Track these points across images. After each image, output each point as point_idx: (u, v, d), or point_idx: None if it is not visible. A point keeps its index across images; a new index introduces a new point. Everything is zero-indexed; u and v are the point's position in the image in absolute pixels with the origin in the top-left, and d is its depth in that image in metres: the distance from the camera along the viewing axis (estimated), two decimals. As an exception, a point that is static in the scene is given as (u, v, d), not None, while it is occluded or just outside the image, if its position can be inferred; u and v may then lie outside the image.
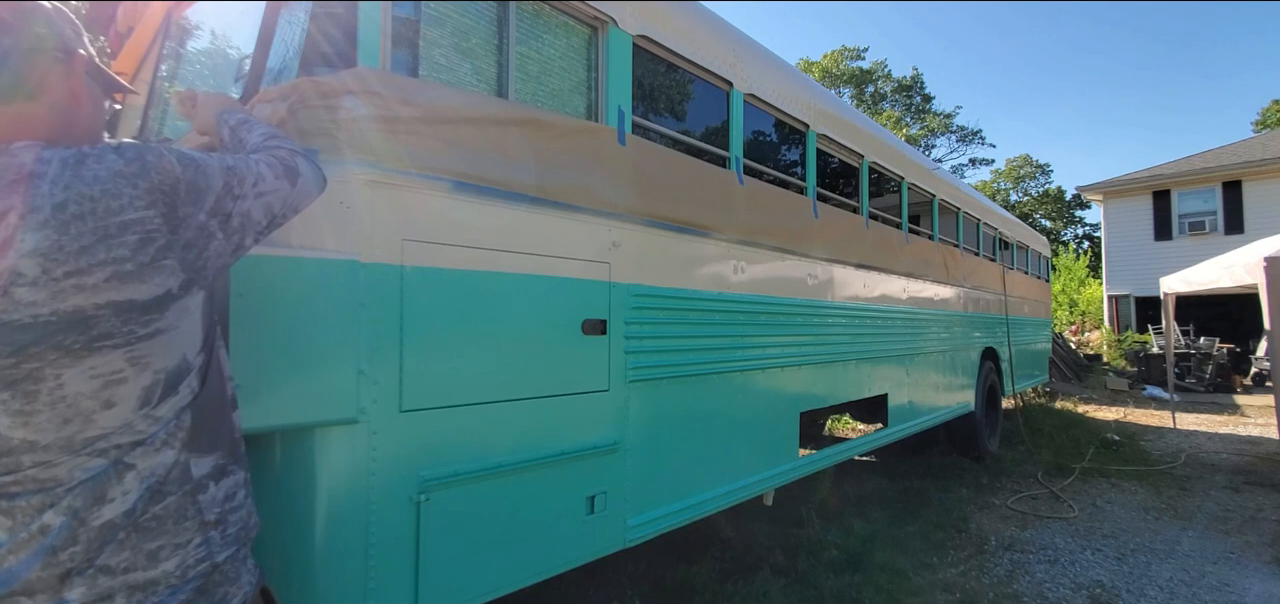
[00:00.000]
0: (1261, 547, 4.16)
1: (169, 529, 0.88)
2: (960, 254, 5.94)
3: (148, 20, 2.54)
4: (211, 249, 0.93)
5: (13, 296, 0.77)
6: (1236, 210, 15.82)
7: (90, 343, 0.80)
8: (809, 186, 3.62)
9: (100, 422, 0.82)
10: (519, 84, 2.14)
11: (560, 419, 2.15)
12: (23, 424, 0.79)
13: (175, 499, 0.89)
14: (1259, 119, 35.65)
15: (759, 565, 3.56)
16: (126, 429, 0.84)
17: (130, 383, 0.84)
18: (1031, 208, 39.84)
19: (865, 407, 4.49)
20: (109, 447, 0.83)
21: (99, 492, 0.83)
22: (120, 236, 0.82)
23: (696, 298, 2.76)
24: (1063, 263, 22.29)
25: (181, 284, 0.89)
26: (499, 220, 1.94)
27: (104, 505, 0.83)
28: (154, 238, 0.85)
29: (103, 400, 0.82)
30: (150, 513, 0.86)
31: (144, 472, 0.86)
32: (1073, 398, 11.11)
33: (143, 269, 0.83)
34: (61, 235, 0.78)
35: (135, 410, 0.84)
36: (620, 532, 2.38)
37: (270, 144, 1.17)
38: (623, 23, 2.46)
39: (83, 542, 0.81)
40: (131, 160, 0.85)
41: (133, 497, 0.85)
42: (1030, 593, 3.47)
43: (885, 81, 37.15)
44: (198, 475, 0.92)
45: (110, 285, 0.81)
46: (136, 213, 0.83)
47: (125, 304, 0.82)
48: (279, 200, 1.06)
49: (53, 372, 0.79)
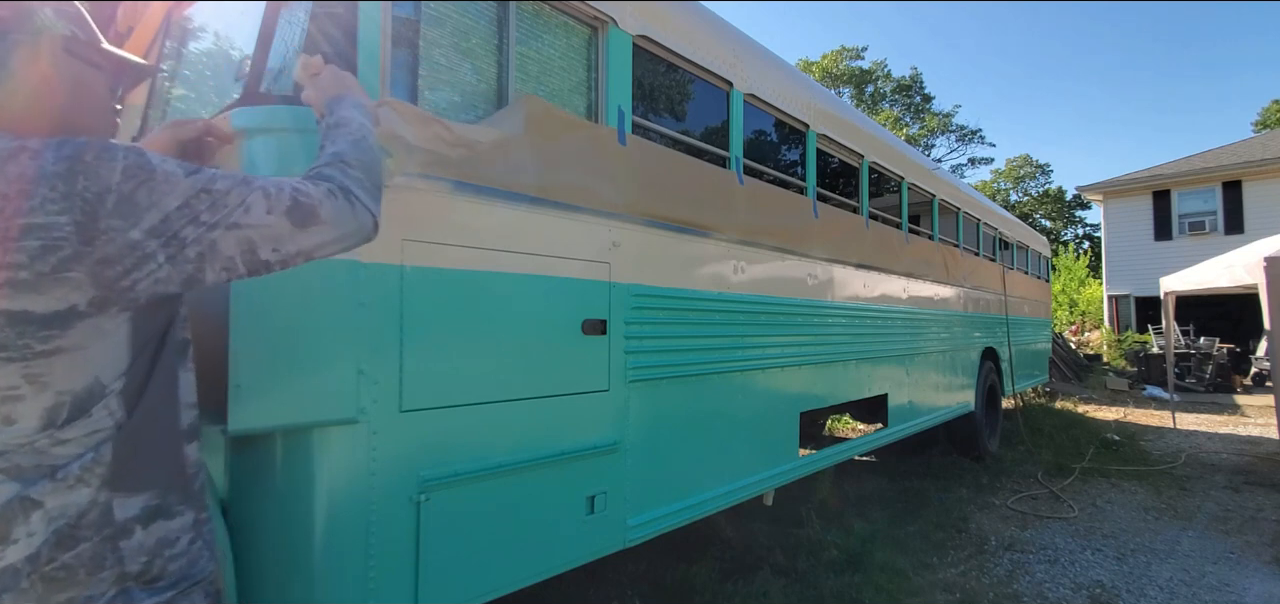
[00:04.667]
0: (1261, 547, 4.16)
1: (80, 580, 0.78)
2: (960, 254, 5.94)
3: (148, 20, 2.54)
4: (145, 272, 0.82)
5: None
6: (1236, 210, 15.83)
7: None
8: (809, 186, 3.62)
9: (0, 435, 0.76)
10: (519, 84, 2.14)
11: (560, 419, 2.15)
12: None
13: (90, 546, 0.79)
14: (1259, 119, 35.68)
15: (759, 565, 3.55)
16: (28, 448, 0.77)
17: (28, 401, 0.77)
18: (1031, 208, 39.84)
19: (865, 407, 4.49)
20: (11, 465, 0.76)
21: (3, 529, 0.75)
22: (21, 240, 0.73)
23: (696, 298, 2.76)
24: (1063, 263, 22.28)
25: (91, 302, 0.79)
26: (499, 220, 1.94)
27: (6, 546, 0.75)
28: (59, 247, 0.75)
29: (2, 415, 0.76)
30: (59, 562, 0.77)
31: (52, 511, 0.77)
32: (1073, 398, 11.11)
33: (41, 279, 0.75)
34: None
35: (37, 430, 0.77)
36: (620, 532, 2.38)
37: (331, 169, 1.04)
38: (623, 23, 2.46)
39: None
40: (62, 159, 0.77)
41: (37, 539, 0.76)
42: (1030, 593, 3.47)
43: (885, 81, 37.17)
44: (121, 518, 0.83)
45: (3, 292, 0.73)
46: (45, 217, 0.75)
47: (19, 314, 0.75)
48: (268, 240, 0.92)
49: None
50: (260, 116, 1.55)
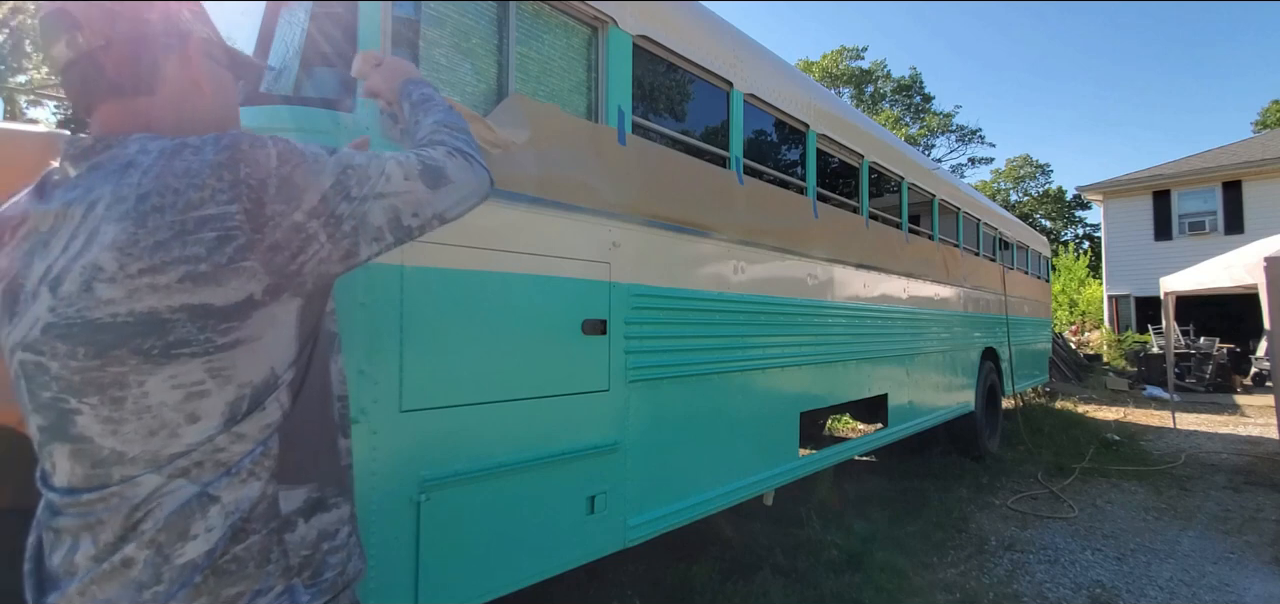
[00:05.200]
0: (1261, 547, 4.16)
1: (249, 574, 0.78)
2: (960, 254, 5.94)
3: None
4: (310, 253, 0.82)
5: (94, 293, 0.72)
6: (1236, 210, 15.83)
7: (168, 349, 0.74)
8: (809, 186, 3.62)
9: (185, 436, 0.76)
10: (519, 84, 2.14)
11: (560, 419, 2.15)
12: (112, 432, 0.74)
13: (258, 539, 0.80)
14: (1259, 119, 35.70)
15: (759, 565, 3.55)
16: (210, 446, 0.77)
17: (213, 396, 0.77)
18: (1031, 208, 39.85)
19: (865, 407, 4.49)
20: (192, 465, 0.76)
21: (183, 526, 0.75)
22: (197, 233, 0.73)
23: (696, 298, 2.76)
24: (1063, 263, 22.30)
25: (266, 290, 0.79)
26: (499, 220, 1.94)
27: (187, 542, 0.75)
28: (233, 236, 0.75)
29: (187, 413, 0.76)
30: (231, 554, 0.77)
31: (228, 506, 0.78)
32: (1073, 398, 11.11)
33: (219, 271, 0.75)
34: (139, 228, 0.72)
35: (221, 428, 0.78)
36: (620, 532, 2.38)
37: (439, 135, 1.07)
38: (623, 23, 2.46)
39: (165, 581, 0.74)
40: (224, 149, 0.77)
41: (216, 534, 0.77)
42: (1030, 593, 3.47)
43: (885, 81, 37.19)
44: (286, 511, 0.83)
45: (184, 287, 0.73)
46: (217, 207, 0.74)
47: (201, 308, 0.75)
48: (409, 205, 0.93)
49: (136, 378, 0.74)
50: (261, 117, 1.55)
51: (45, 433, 0.78)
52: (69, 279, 0.73)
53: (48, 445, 0.78)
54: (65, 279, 0.73)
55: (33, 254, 0.78)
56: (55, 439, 0.77)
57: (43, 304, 0.74)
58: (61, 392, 0.74)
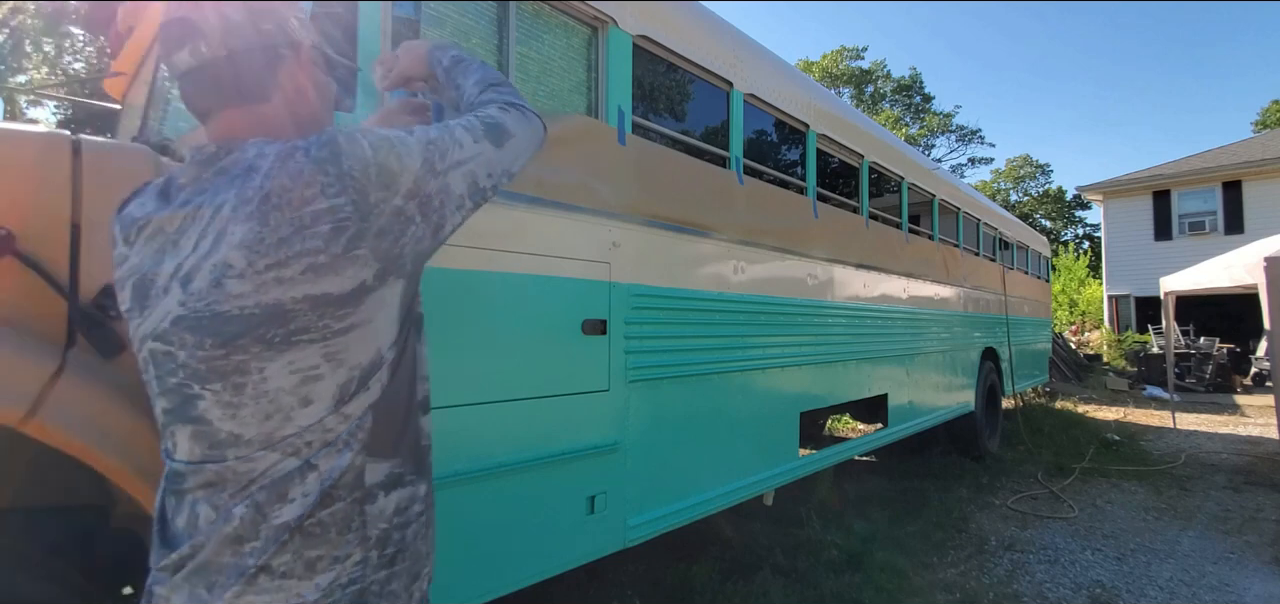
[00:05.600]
0: (1262, 547, 4.16)
1: (331, 539, 0.83)
2: (960, 254, 5.94)
3: (148, 20, 2.54)
4: (409, 234, 0.87)
5: (223, 288, 0.78)
6: (1236, 210, 15.82)
7: (289, 337, 0.80)
8: (809, 186, 3.62)
9: (298, 419, 0.81)
10: (519, 84, 2.14)
11: (560, 419, 2.15)
12: (231, 417, 0.80)
13: (343, 506, 0.84)
14: (1259, 119, 35.69)
15: (759, 565, 3.55)
16: (319, 428, 0.82)
17: (326, 380, 0.82)
18: (1031, 208, 39.85)
19: (865, 407, 4.49)
20: (301, 445, 0.82)
21: (283, 490, 0.81)
22: (313, 227, 0.79)
23: (696, 298, 2.76)
24: (1063, 263, 22.29)
25: (376, 274, 0.84)
26: (499, 220, 1.94)
27: (284, 505, 0.81)
28: (345, 226, 0.80)
29: (301, 397, 0.81)
30: (316, 518, 0.82)
31: (323, 472, 0.83)
32: (1073, 398, 11.11)
33: (336, 261, 0.80)
34: (263, 227, 0.78)
35: (330, 409, 0.83)
36: (620, 532, 2.38)
37: (487, 94, 1.10)
38: (623, 23, 2.46)
39: (262, 538, 0.80)
40: (324, 145, 0.82)
41: (311, 498, 0.82)
42: (1030, 593, 3.47)
43: (885, 81, 37.19)
44: (369, 482, 0.87)
45: (306, 278, 0.79)
46: (328, 201, 0.80)
47: (320, 298, 0.80)
48: (483, 167, 0.97)
49: (257, 365, 0.79)
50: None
51: (169, 415, 0.85)
52: (199, 276, 0.79)
53: (171, 426, 0.85)
54: (195, 276, 0.79)
55: (163, 253, 0.84)
56: (178, 420, 0.83)
57: (173, 299, 0.81)
58: (186, 378, 0.81)
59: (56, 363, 1.26)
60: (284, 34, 0.91)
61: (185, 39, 0.85)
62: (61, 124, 14.35)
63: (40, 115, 18.97)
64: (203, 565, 0.80)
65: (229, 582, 0.79)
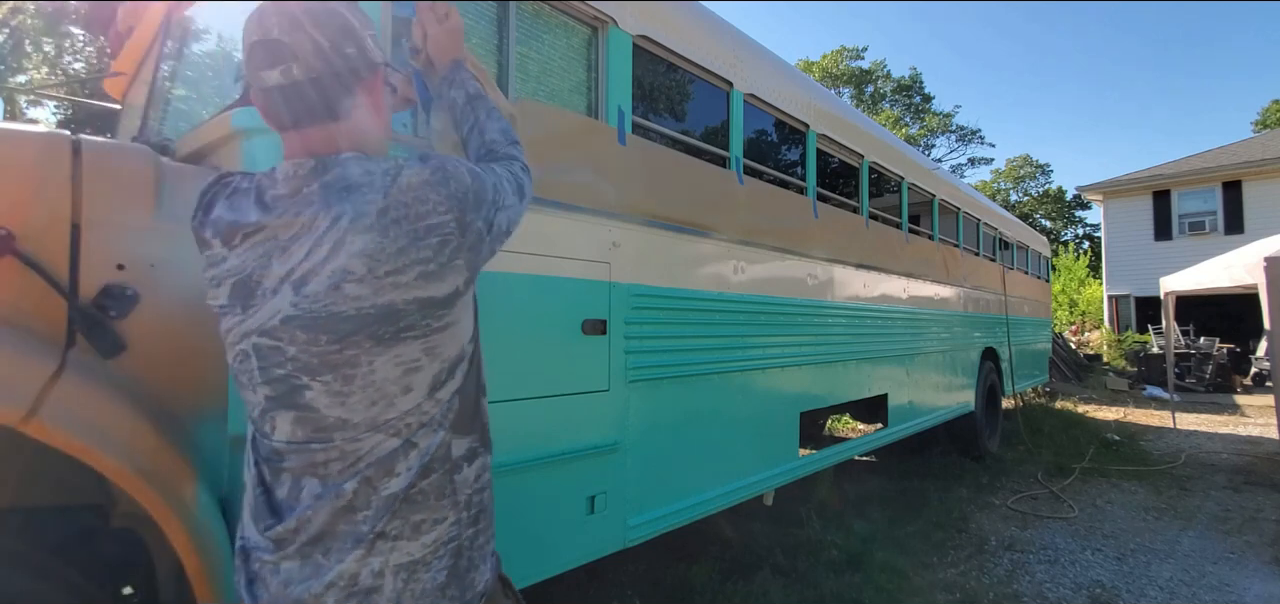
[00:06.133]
0: (1261, 547, 4.16)
1: (430, 504, 0.96)
2: (960, 254, 5.94)
3: (148, 20, 2.54)
4: (483, 252, 1.03)
5: (342, 291, 0.87)
6: (1236, 210, 15.82)
7: (397, 334, 0.91)
8: (809, 186, 3.62)
9: (399, 405, 0.93)
10: (519, 84, 2.14)
11: (560, 419, 2.15)
12: (340, 404, 0.90)
13: (438, 476, 0.97)
14: (1259, 119, 35.69)
15: (759, 565, 3.55)
16: (417, 411, 0.94)
17: (424, 370, 0.94)
18: (1031, 208, 39.85)
19: (865, 407, 4.49)
20: (402, 426, 0.93)
21: (390, 465, 0.93)
22: (425, 239, 0.91)
23: (696, 298, 2.76)
24: (1063, 263, 22.29)
25: (465, 281, 0.98)
26: (499, 220, 1.94)
27: (392, 478, 0.93)
28: (450, 240, 0.93)
29: (402, 385, 0.92)
30: (419, 487, 0.95)
31: (423, 449, 0.95)
32: (1073, 398, 11.11)
33: (442, 269, 0.93)
34: (384, 238, 0.88)
35: (425, 395, 0.95)
36: (620, 532, 2.38)
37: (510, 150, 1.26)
38: (623, 23, 2.46)
39: (373, 507, 0.92)
40: (435, 169, 0.94)
41: (413, 472, 0.94)
42: (1030, 593, 3.47)
43: (885, 81, 37.18)
44: (455, 456, 1.00)
45: (418, 283, 0.90)
46: (438, 217, 0.92)
47: (427, 300, 0.92)
48: (516, 214, 1.15)
49: (367, 358, 0.90)
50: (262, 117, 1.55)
51: (271, 401, 0.93)
52: (314, 280, 0.88)
53: (272, 412, 0.94)
54: (310, 280, 0.88)
55: (269, 257, 0.91)
56: (281, 407, 0.93)
57: (284, 299, 0.89)
58: (295, 371, 0.90)
59: (56, 363, 1.26)
60: (364, 57, 0.99)
61: (278, 60, 0.92)
62: (61, 124, 14.35)
63: (40, 115, 18.96)
64: (317, 535, 0.91)
65: (346, 547, 0.91)
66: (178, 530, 1.32)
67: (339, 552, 0.91)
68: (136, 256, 1.43)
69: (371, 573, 0.91)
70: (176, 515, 1.32)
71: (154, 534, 1.38)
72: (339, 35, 0.95)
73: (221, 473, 1.61)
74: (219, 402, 1.49)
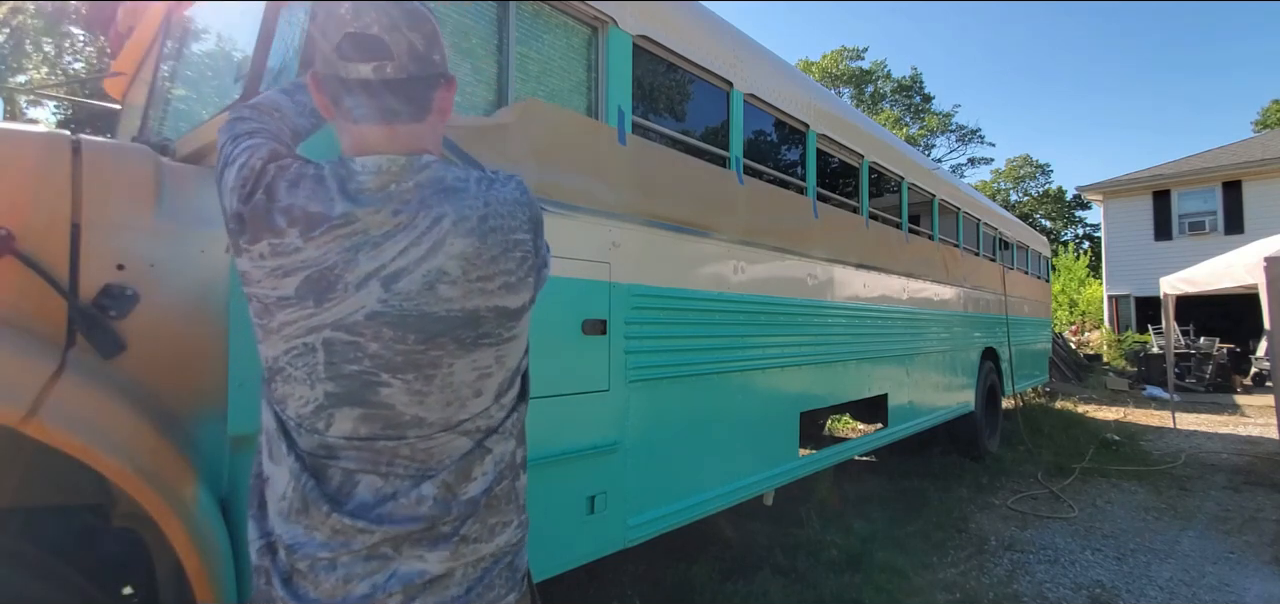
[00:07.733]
0: (1261, 547, 4.16)
1: (501, 508, 1.00)
2: (960, 254, 5.94)
3: (148, 20, 2.54)
4: (544, 275, 1.07)
5: (436, 291, 0.89)
6: (1236, 210, 15.82)
7: (477, 339, 0.93)
8: (809, 186, 3.62)
9: (470, 407, 0.95)
10: (519, 84, 2.14)
11: (560, 419, 2.15)
12: (418, 402, 0.91)
13: (508, 482, 1.02)
14: (1259, 119, 35.67)
15: (759, 565, 3.55)
16: (484, 414, 0.97)
17: (494, 377, 0.97)
18: (1031, 208, 39.84)
19: (865, 407, 4.49)
20: (472, 428, 0.96)
21: (467, 469, 0.96)
22: (512, 252, 0.95)
23: (696, 298, 2.76)
24: (1063, 263, 22.28)
25: (531, 299, 1.02)
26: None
27: (470, 482, 0.96)
28: (528, 258, 0.98)
29: (474, 389, 0.95)
30: (494, 492, 0.99)
31: (497, 456, 0.99)
32: (1073, 398, 11.11)
33: (519, 283, 0.97)
34: (482, 244, 0.92)
35: (492, 400, 0.98)
36: (620, 532, 2.38)
37: None
38: (623, 23, 2.46)
39: (455, 512, 0.94)
40: (519, 188, 1.00)
41: (490, 476, 0.98)
42: (1030, 593, 3.47)
43: (885, 82, 37.17)
44: (517, 462, 1.06)
45: (500, 292, 0.94)
46: (522, 234, 0.97)
47: (504, 310, 0.96)
48: None
49: (448, 360, 0.92)
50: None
51: (334, 398, 0.91)
52: (407, 278, 0.89)
53: (330, 407, 0.91)
54: (402, 277, 0.88)
55: (357, 251, 0.89)
56: (344, 403, 0.90)
57: (371, 295, 0.88)
58: (374, 367, 0.90)
59: (56, 363, 1.26)
60: (445, 63, 1.01)
61: (374, 55, 0.91)
62: (61, 124, 14.36)
63: (40, 115, 18.96)
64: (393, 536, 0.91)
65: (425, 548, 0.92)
66: (178, 530, 1.32)
67: (414, 552, 0.91)
68: (136, 256, 1.43)
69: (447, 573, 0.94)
70: (176, 515, 1.32)
71: (154, 534, 1.37)
72: (430, 41, 0.96)
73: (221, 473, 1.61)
74: (219, 402, 1.49)
